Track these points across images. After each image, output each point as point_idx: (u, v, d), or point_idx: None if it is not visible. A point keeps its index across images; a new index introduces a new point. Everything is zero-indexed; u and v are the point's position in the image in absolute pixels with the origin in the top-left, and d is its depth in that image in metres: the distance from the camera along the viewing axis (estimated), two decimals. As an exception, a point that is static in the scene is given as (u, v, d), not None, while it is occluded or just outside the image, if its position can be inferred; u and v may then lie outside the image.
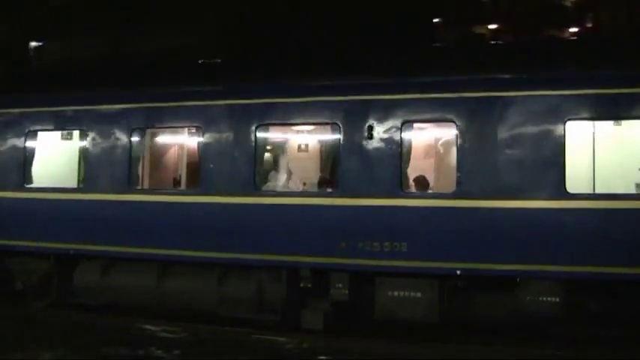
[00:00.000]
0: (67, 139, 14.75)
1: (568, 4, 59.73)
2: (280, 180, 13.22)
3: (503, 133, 11.17)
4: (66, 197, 13.96)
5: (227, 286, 12.71)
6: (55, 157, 14.77)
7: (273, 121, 12.72)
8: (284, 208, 12.28)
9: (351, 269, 11.87)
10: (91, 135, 13.62)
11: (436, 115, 11.71)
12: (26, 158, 14.21)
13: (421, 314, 11.69)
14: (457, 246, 11.24)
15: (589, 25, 58.24)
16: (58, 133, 14.68)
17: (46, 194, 14.05)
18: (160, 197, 13.34)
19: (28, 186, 14.20)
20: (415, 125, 11.98)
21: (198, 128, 13.05)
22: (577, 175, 10.92)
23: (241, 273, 12.72)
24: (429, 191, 12.24)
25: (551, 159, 10.86)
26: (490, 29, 60.75)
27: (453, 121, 11.42)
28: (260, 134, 12.60)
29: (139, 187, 13.72)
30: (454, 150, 11.50)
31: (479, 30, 60.66)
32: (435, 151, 12.67)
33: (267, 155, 13.37)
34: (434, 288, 11.65)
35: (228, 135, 12.63)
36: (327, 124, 12.42)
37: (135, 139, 13.42)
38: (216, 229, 12.52)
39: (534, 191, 11.01)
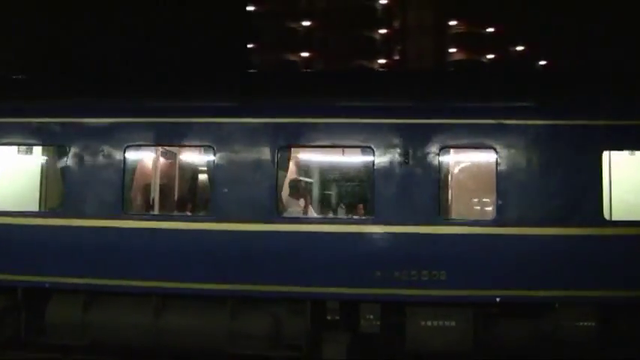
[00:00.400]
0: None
1: (377, 36, 62.79)
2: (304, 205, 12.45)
3: (541, 160, 11.27)
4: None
5: (240, 321, 11.68)
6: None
7: (299, 143, 11.95)
8: (310, 235, 11.61)
9: (385, 300, 11.43)
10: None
11: (476, 141, 11.58)
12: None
13: (455, 344, 11.48)
14: (497, 273, 11.16)
15: (396, 57, 61.60)
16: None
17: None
18: (161, 223, 12.11)
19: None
20: (453, 151, 11.77)
21: (208, 148, 12.03)
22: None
23: (255, 306, 11.83)
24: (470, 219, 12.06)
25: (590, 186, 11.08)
26: (303, 57, 62.46)
27: (493, 148, 11.39)
28: (282, 156, 11.83)
29: (133, 212, 12.34)
30: (494, 177, 11.44)
31: (292, 57, 62.17)
32: (475, 178, 12.54)
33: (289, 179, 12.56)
34: (468, 316, 11.47)
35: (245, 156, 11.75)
36: (358, 147, 11.93)
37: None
38: (230, 259, 11.56)
39: (572, 218, 11.19)
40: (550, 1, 51.38)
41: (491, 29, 60.89)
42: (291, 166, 12.41)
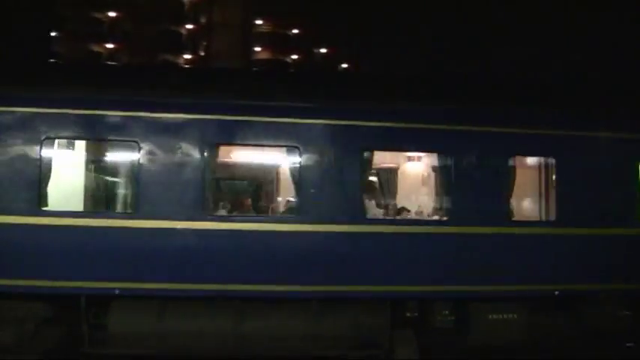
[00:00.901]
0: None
1: (184, 31, 62.29)
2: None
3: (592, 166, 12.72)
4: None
5: (323, 323, 11.99)
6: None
7: (383, 146, 12.40)
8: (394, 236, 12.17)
9: (461, 297, 12.28)
10: None
11: (537, 150, 12.75)
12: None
13: (516, 336, 12.60)
14: (557, 269, 12.46)
15: (202, 53, 61.53)
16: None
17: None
18: (243, 225, 12.05)
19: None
20: (518, 158, 12.83)
21: (293, 148, 12.13)
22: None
23: (335, 307, 12.20)
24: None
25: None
26: (108, 48, 60.45)
27: (553, 156, 12.65)
28: (366, 158, 12.24)
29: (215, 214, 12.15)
30: (554, 182, 12.70)
31: (96, 48, 59.96)
32: (537, 183, 13.62)
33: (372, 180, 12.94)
34: (525, 309, 12.66)
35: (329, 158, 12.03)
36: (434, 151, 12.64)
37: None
38: (316, 261, 11.84)
39: (610, 219, 12.75)
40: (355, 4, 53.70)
41: (296, 30, 62.58)
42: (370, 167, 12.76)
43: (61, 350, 11.97)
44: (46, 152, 11.47)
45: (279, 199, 13.82)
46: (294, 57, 61.71)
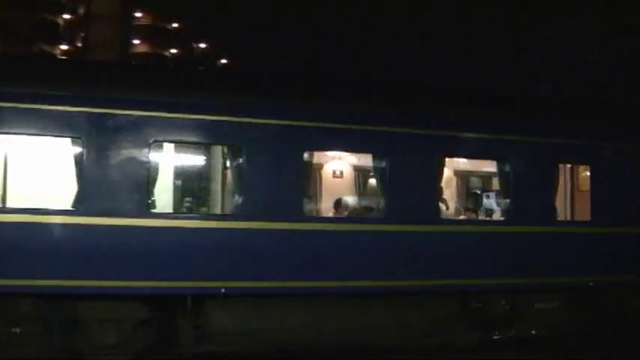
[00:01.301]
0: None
1: (61, 21, 60.46)
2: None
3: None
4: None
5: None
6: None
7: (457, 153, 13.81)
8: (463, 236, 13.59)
9: (517, 288, 13.89)
10: None
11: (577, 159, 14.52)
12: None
13: (559, 323, 14.38)
14: (592, 263, 14.31)
15: (79, 44, 60.09)
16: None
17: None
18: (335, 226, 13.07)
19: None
20: (561, 166, 14.53)
21: (380, 157, 13.21)
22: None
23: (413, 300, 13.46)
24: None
25: None
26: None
27: (588, 164, 14.50)
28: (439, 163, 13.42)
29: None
30: (589, 187, 14.54)
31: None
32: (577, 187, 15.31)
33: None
34: (564, 299, 14.47)
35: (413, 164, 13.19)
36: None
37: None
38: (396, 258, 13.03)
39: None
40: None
41: (175, 24, 62.34)
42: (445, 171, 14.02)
43: (154, 350, 12.33)
44: (153, 155, 11.83)
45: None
46: (174, 51, 61.41)
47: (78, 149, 11.51)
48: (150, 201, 11.92)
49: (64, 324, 11.84)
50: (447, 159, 13.63)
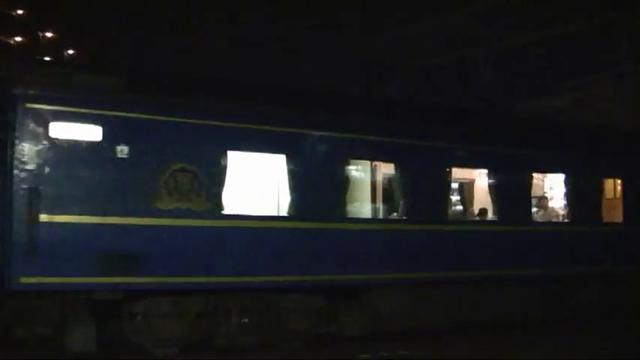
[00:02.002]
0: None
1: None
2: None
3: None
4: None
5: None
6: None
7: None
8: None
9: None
10: None
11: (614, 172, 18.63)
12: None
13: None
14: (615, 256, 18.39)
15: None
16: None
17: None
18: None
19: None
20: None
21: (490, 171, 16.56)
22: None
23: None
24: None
25: None
26: None
27: (621, 177, 18.65)
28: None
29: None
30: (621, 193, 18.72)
31: None
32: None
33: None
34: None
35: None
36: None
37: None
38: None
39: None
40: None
41: (20, 11, 60.30)
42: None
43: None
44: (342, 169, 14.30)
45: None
46: (19, 39, 59.47)
47: (289, 164, 13.68)
48: (347, 208, 14.26)
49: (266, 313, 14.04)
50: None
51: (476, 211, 17.56)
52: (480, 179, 17.98)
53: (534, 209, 18.15)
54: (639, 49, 42.60)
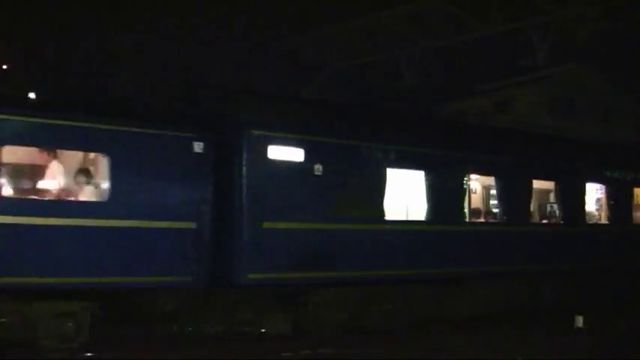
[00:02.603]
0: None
1: None
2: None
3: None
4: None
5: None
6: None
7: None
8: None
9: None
10: None
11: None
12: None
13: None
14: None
15: None
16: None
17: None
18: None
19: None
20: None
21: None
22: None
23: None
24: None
25: None
26: None
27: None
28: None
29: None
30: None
31: None
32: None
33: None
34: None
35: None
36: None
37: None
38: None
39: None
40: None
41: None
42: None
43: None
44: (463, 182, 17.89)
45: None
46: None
47: (427, 178, 17.04)
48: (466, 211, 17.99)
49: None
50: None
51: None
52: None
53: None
54: (557, 53, 46.67)
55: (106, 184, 13.42)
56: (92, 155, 13.85)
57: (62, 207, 13.14)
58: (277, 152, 15.11)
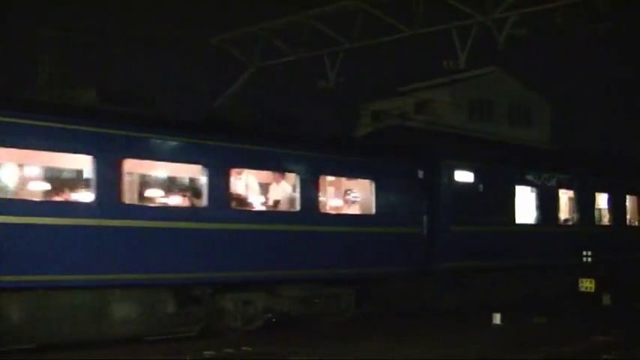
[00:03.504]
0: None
1: None
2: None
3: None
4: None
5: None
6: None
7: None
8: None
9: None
10: None
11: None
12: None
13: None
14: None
15: None
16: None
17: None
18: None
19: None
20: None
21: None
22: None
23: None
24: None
25: None
26: None
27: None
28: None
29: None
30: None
31: None
32: None
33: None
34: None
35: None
36: None
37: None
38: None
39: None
40: None
41: None
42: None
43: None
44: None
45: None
46: None
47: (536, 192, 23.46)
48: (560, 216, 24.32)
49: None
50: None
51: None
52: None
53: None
54: (478, 56, 52.22)
55: (373, 201, 18.92)
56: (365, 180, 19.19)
57: (348, 219, 18.60)
58: (459, 176, 20.93)
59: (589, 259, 23.75)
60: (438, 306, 20.84)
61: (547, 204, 23.87)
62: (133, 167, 14.79)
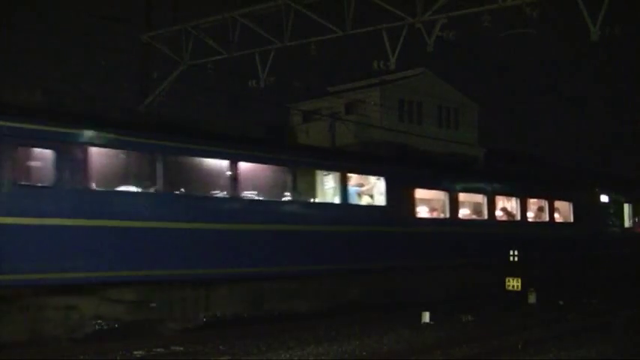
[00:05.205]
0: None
1: None
2: None
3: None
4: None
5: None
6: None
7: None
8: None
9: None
10: None
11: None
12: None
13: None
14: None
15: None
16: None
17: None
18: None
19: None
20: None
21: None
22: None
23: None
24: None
25: None
26: None
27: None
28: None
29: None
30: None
31: None
32: None
33: None
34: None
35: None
36: None
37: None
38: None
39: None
40: None
41: None
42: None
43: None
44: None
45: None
46: None
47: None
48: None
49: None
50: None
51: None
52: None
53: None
54: (408, 58, 52.58)
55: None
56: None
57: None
58: (602, 197, 29.15)
59: (516, 259, 24.05)
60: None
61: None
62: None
